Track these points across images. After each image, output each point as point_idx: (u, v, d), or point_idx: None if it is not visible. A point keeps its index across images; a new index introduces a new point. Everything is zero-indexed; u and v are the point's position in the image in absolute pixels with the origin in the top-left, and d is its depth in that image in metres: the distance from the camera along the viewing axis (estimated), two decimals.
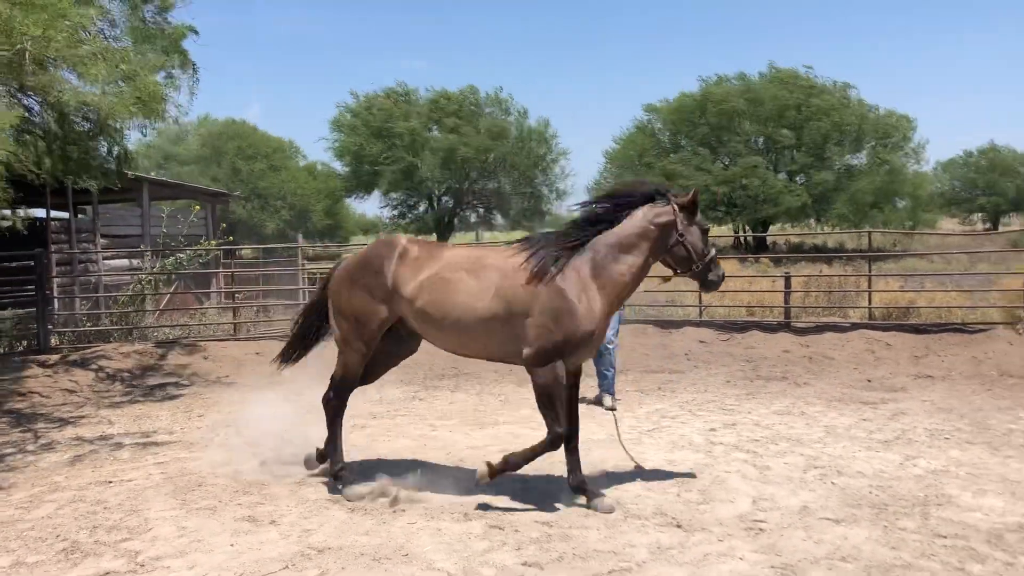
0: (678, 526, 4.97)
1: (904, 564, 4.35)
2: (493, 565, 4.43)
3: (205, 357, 11.70)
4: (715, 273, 5.68)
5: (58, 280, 14.40)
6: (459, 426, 7.88)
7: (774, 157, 40.90)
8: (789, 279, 13.71)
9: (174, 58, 9.96)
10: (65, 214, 18.43)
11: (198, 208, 14.61)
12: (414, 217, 52.75)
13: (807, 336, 12.29)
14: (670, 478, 5.97)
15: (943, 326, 11.94)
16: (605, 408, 8.51)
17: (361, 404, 9.01)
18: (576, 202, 5.92)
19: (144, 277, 13.33)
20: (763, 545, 4.65)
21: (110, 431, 8.07)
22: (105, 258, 17.68)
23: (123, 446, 7.38)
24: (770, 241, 40.77)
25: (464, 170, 47.95)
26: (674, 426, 7.67)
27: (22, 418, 8.73)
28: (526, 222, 51.62)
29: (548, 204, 51.61)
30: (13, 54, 7.60)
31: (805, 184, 38.65)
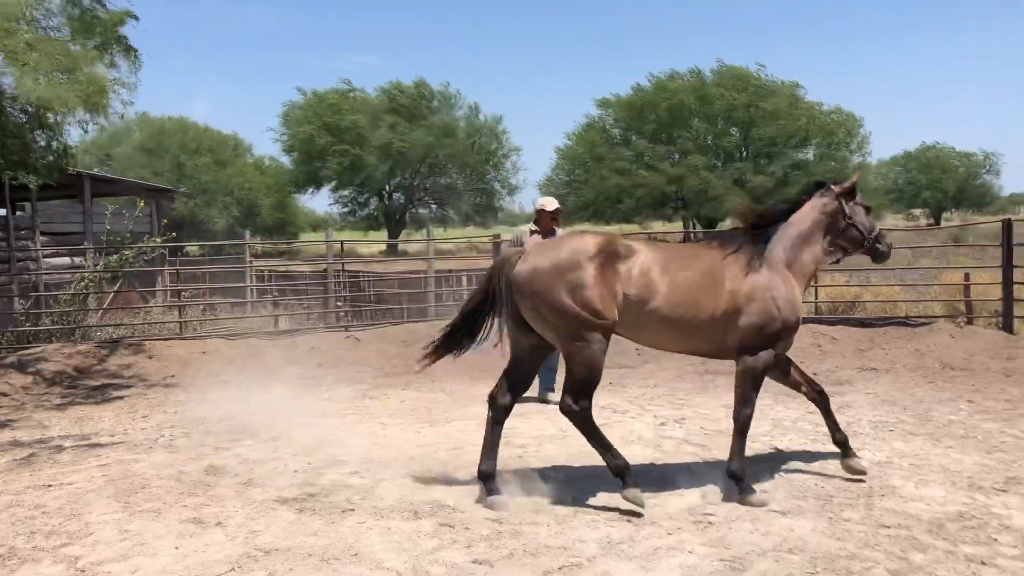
0: (628, 520, 4.99)
1: (849, 555, 4.41)
2: (443, 563, 4.40)
3: (150, 357, 11.47)
4: (884, 245, 6.21)
5: None
6: (410, 424, 7.83)
7: (722, 157, 41.34)
8: None
9: (112, 45, 9.69)
10: (2, 211, 17.95)
11: (143, 204, 14.30)
12: (365, 214, 52.36)
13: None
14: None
15: (887, 320, 12.20)
16: (554, 404, 8.51)
17: (310, 403, 8.92)
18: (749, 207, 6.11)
19: (87, 275, 13.03)
20: (712, 538, 4.69)
21: (50, 433, 7.86)
22: (45, 256, 17.27)
23: (64, 449, 7.19)
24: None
25: (414, 166, 47.74)
26: (625, 421, 7.70)
27: None
28: (478, 218, 51.59)
29: (500, 200, 51.66)
30: None
31: (745, 187, 39.14)
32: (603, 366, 5.34)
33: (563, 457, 6.42)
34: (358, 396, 9.39)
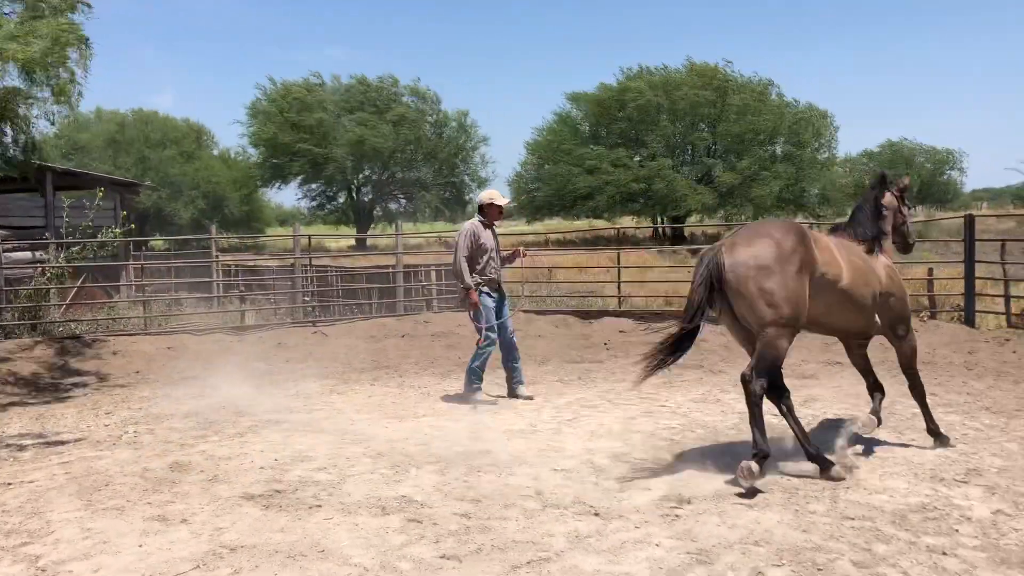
0: (596, 514, 5.00)
1: (814, 546, 4.46)
2: (411, 559, 4.39)
3: (114, 353, 11.32)
4: (912, 238, 6.94)
5: None
6: (378, 419, 7.79)
7: (690, 153, 41.61)
8: None
9: (64, 33, 9.49)
10: None
11: (102, 193, 14.02)
12: (333, 208, 52.05)
13: (723, 326, 12.54)
14: (589, 467, 6.00)
15: None
16: (524, 398, 8.53)
17: (279, 399, 8.85)
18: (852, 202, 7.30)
19: (49, 269, 12.81)
20: (679, 531, 4.71)
21: (10, 431, 7.72)
22: (5, 251, 16.96)
23: (24, 446, 7.07)
24: (687, 232, 41.53)
25: (383, 160, 47.52)
26: (594, 415, 7.72)
27: None
28: (448, 212, 51.48)
29: (470, 193, 51.59)
30: None
31: (713, 184, 39.42)
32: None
33: (533, 452, 6.42)
34: (325, 391, 9.33)
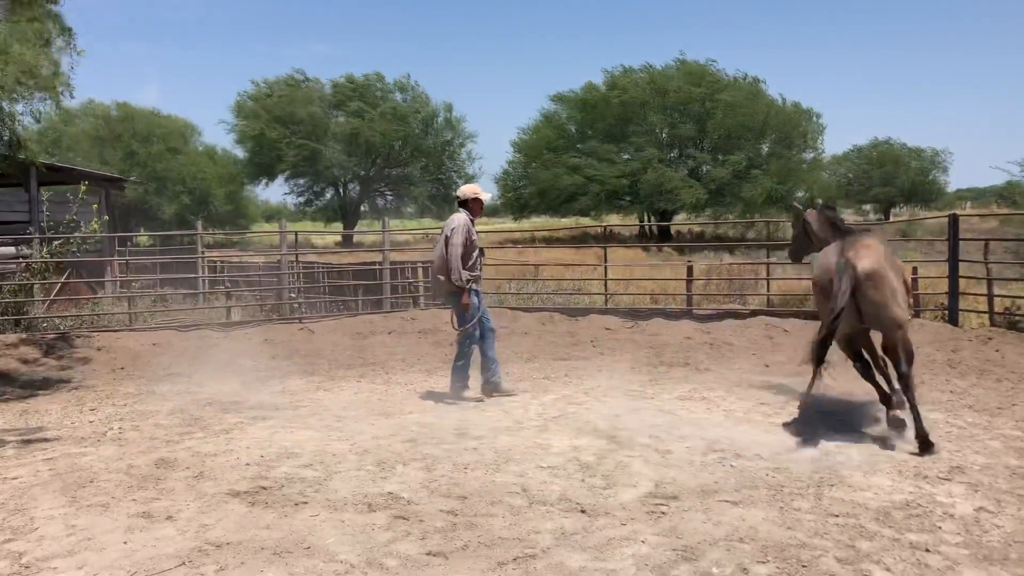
0: (582, 511, 5.02)
1: (799, 543, 4.49)
2: (397, 556, 4.39)
3: (99, 349, 11.26)
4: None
5: None
6: (364, 416, 7.78)
7: (678, 151, 41.69)
8: (691, 268, 14.01)
9: (47, 24, 9.42)
10: None
11: (85, 187, 13.91)
12: (321, 204, 51.88)
13: (708, 323, 12.61)
14: (575, 464, 6.02)
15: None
16: (508, 393, 8.52)
17: (265, 396, 8.83)
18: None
19: (34, 264, 12.72)
20: (665, 528, 4.73)
21: None
22: None
23: (7, 443, 7.02)
24: (674, 231, 41.64)
25: (370, 156, 47.41)
26: (580, 412, 7.74)
27: None
28: (435, 208, 51.40)
29: (457, 189, 51.50)
30: None
31: (703, 180, 39.51)
32: None
33: (519, 450, 6.43)
34: (312, 388, 9.31)
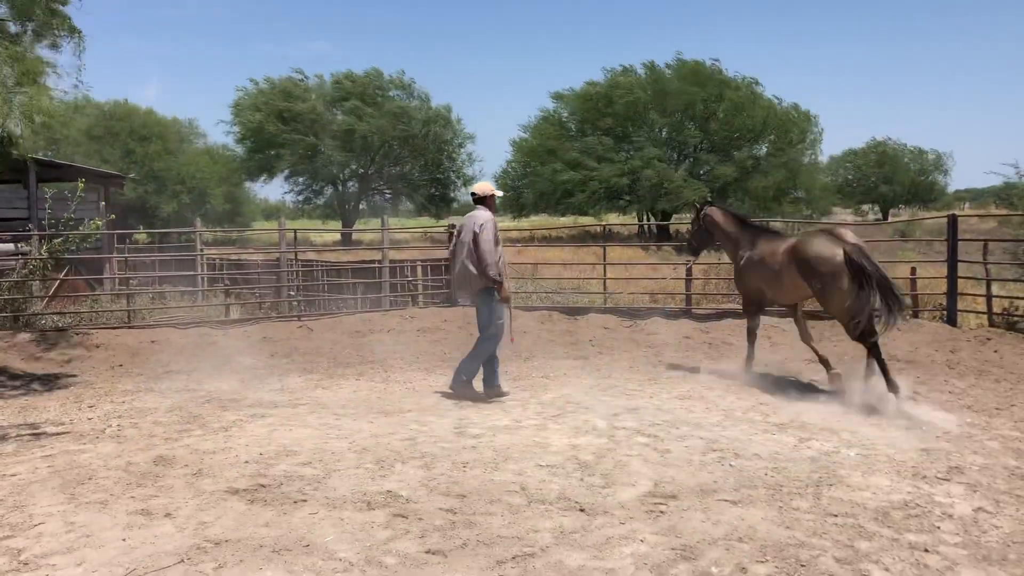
0: (581, 510, 5.02)
1: (797, 543, 4.49)
2: (396, 554, 4.39)
3: (97, 346, 11.25)
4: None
5: None
6: (363, 414, 7.77)
7: (678, 150, 41.70)
8: (691, 268, 14.00)
9: (56, 24, 9.42)
10: None
11: (82, 185, 13.92)
12: (319, 202, 51.85)
13: (707, 322, 12.61)
14: (574, 462, 6.02)
15: None
16: (507, 395, 8.52)
17: (264, 393, 8.83)
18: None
19: (33, 261, 12.70)
20: (663, 527, 4.73)
21: None
22: None
23: (7, 439, 7.02)
24: (673, 230, 41.62)
25: (368, 155, 47.39)
26: (578, 411, 7.73)
27: None
28: (433, 208, 51.40)
29: (455, 190, 51.50)
30: None
31: (705, 178, 39.52)
32: None
33: (517, 448, 6.43)
34: (310, 386, 9.31)
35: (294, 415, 7.76)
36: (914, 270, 13.34)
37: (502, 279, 8.21)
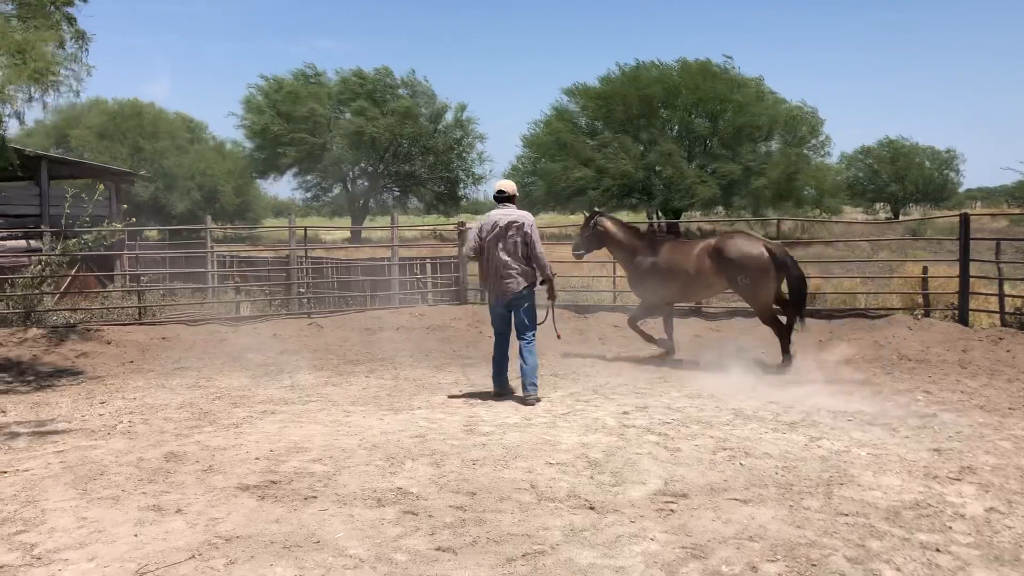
0: (591, 508, 5.01)
1: (808, 542, 4.48)
2: (406, 551, 4.39)
3: (108, 342, 11.30)
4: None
5: None
6: (373, 411, 7.79)
7: (689, 146, 41.57)
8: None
9: (61, 25, 9.45)
10: None
11: (102, 187, 14.01)
12: (328, 200, 51.94)
13: (718, 321, 12.58)
14: (584, 460, 6.01)
15: (847, 312, 12.37)
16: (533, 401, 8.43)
17: (274, 390, 8.85)
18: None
19: (45, 259, 12.76)
20: (674, 526, 4.73)
21: (5, 420, 7.70)
22: (0, 238, 16.93)
23: (19, 435, 7.06)
24: (683, 228, 41.49)
25: (377, 153, 47.42)
26: (588, 409, 7.73)
27: None
28: (442, 206, 51.40)
29: (465, 189, 51.46)
30: None
31: (714, 174, 39.40)
32: None
33: (527, 447, 6.43)
34: (320, 383, 9.33)
35: (304, 412, 7.78)
36: (925, 269, 13.29)
37: (552, 274, 8.30)
